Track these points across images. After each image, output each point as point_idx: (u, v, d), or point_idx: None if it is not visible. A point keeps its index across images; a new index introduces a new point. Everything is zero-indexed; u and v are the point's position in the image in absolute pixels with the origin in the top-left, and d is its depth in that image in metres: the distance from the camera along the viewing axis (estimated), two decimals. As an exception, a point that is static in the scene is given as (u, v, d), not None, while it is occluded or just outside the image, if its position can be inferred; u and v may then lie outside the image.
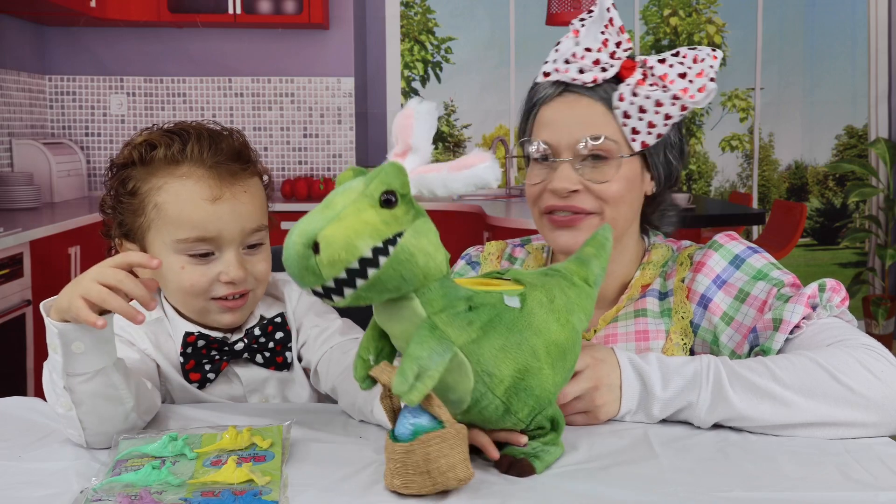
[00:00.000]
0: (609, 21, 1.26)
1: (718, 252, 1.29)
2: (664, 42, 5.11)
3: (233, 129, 1.29)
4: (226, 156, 1.23)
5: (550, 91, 1.28)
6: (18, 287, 2.94)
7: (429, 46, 5.03)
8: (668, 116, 1.24)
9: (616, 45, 1.26)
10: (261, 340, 1.28)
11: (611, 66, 1.24)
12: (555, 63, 1.27)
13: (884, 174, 5.03)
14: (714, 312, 1.25)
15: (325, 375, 1.27)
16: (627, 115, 1.24)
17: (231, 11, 4.35)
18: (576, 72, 1.25)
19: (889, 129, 5.11)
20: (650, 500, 0.90)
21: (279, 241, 1.00)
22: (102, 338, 1.03)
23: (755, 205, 5.13)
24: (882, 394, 1.06)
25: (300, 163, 4.79)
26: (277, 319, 1.30)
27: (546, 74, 1.28)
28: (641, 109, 1.23)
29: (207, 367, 1.26)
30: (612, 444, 1.04)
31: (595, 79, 1.24)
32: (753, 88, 5.12)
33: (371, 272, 0.82)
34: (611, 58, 1.25)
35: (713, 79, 1.22)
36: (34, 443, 1.09)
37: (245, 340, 1.28)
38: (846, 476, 0.95)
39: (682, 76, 1.22)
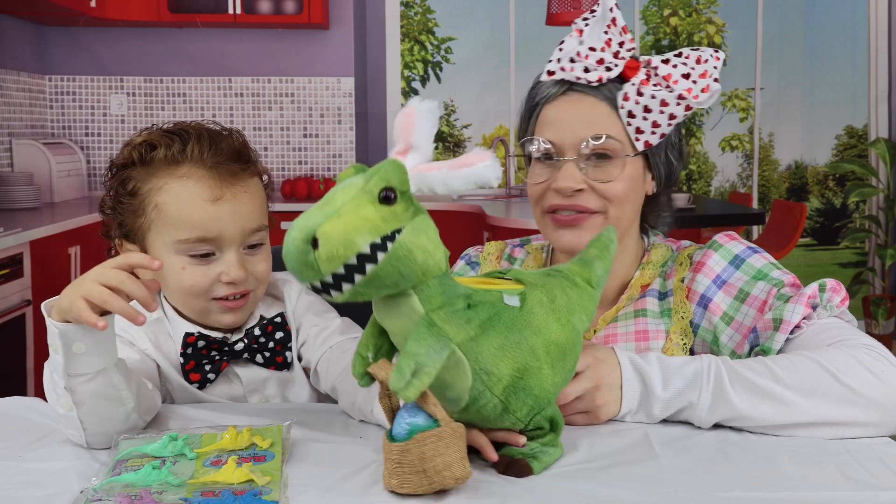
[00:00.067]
0: (612, 21, 1.26)
1: (718, 252, 1.29)
2: (664, 42, 5.11)
3: (232, 129, 1.29)
4: (226, 156, 1.23)
5: (554, 90, 1.28)
6: (18, 287, 2.94)
7: (429, 46, 5.03)
8: (673, 116, 1.24)
9: (619, 45, 1.26)
10: (261, 340, 1.28)
11: (615, 66, 1.24)
12: (559, 62, 1.27)
13: (884, 174, 5.03)
14: (714, 312, 1.25)
15: (325, 375, 1.27)
16: (632, 115, 1.24)
17: (231, 11, 4.35)
18: (581, 71, 1.25)
19: (889, 129, 5.11)
20: (650, 500, 0.90)
21: (279, 241, 1.00)
22: (103, 338, 1.03)
23: (755, 205, 5.13)
24: (883, 394, 1.06)
25: (300, 163, 4.79)
26: (277, 319, 1.30)
27: (550, 73, 1.27)
28: (646, 109, 1.23)
29: (207, 368, 1.27)
30: (612, 444, 1.04)
31: (600, 78, 1.24)
32: (753, 88, 5.12)
33: (369, 268, 0.82)
34: (615, 57, 1.25)
35: (717, 79, 1.22)
36: (34, 443, 1.09)
37: (245, 340, 1.28)
38: (846, 476, 0.95)
39: (686, 76, 1.22)
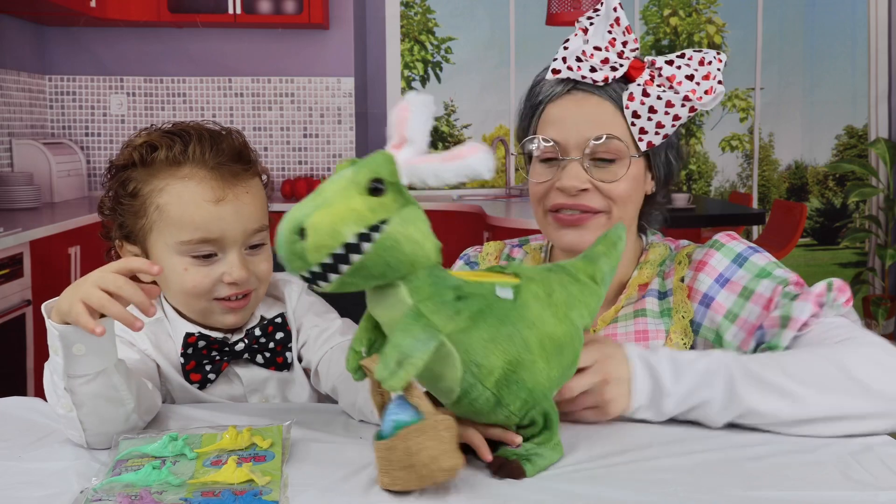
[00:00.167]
0: (615, 21, 1.26)
1: (720, 251, 1.28)
2: (664, 42, 5.11)
3: (232, 129, 1.29)
4: (227, 156, 1.23)
5: (558, 89, 1.27)
6: (18, 287, 2.94)
7: (429, 46, 5.02)
8: (677, 118, 1.24)
9: (623, 45, 1.26)
10: (261, 341, 1.28)
11: (620, 66, 1.24)
12: (565, 61, 1.26)
13: (884, 174, 5.03)
14: (717, 311, 1.25)
15: (326, 376, 1.27)
16: (637, 115, 1.24)
17: (231, 11, 4.35)
18: (587, 70, 1.25)
19: (889, 129, 5.11)
20: (650, 500, 0.89)
21: (279, 242, 1.00)
22: (103, 340, 1.03)
23: (755, 205, 5.13)
24: (894, 388, 1.06)
25: (300, 163, 4.79)
26: (278, 320, 1.30)
27: (555, 72, 1.27)
28: (651, 110, 1.23)
29: (208, 368, 1.27)
30: (612, 444, 1.04)
31: (606, 77, 1.24)
32: (753, 88, 5.12)
33: (355, 258, 0.82)
34: (619, 57, 1.25)
35: (720, 81, 1.22)
36: (34, 443, 1.09)
37: (245, 341, 1.28)
38: (846, 476, 0.95)
39: (690, 78, 1.22)
